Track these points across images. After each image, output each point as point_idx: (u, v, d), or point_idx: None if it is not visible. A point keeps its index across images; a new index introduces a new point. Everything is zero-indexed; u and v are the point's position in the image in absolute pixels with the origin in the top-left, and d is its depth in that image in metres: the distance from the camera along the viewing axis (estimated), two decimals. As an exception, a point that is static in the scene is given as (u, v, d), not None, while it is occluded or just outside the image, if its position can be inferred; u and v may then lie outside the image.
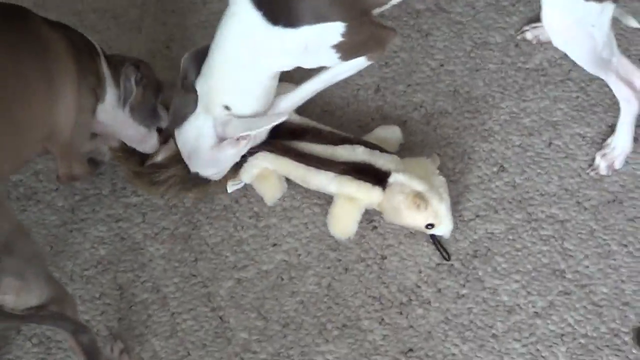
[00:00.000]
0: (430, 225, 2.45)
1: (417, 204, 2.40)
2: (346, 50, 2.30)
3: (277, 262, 2.55)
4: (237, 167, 2.58)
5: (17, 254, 1.92)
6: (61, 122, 2.29)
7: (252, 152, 2.53)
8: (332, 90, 2.74)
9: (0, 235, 1.90)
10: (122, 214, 2.67)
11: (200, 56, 2.39)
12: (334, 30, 2.24)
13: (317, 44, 2.27)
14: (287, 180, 2.62)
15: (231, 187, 2.63)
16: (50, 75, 2.22)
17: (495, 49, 2.87)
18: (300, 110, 2.59)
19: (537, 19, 2.86)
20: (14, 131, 2.12)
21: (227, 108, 2.34)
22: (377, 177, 2.48)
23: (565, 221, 2.56)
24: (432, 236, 2.50)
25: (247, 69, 2.32)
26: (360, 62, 2.38)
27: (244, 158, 2.56)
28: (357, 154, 2.52)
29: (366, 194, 2.47)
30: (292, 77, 2.48)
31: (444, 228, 2.46)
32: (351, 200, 2.49)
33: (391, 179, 2.46)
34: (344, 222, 2.54)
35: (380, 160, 2.51)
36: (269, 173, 2.59)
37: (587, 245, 2.52)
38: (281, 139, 2.59)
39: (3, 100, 2.06)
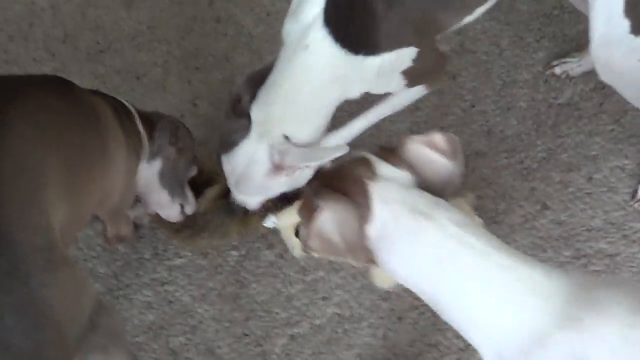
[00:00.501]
0: None
1: None
2: (413, 76, 2.32)
3: (330, 316, 2.53)
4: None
5: (101, 330, 1.89)
6: (113, 185, 2.26)
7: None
8: (363, 138, 2.72)
9: (84, 311, 1.87)
10: (167, 277, 2.64)
11: (255, 81, 2.34)
12: (407, 56, 2.25)
13: (391, 69, 2.27)
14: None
15: (270, 222, 2.59)
16: (103, 141, 2.20)
17: (525, 87, 2.87)
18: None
19: (563, 54, 2.87)
20: (78, 198, 2.10)
21: (286, 137, 2.31)
22: None
23: (615, 255, 2.55)
24: None
25: (317, 99, 2.30)
26: (419, 91, 2.40)
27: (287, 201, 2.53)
28: None
29: None
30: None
31: None
32: None
33: None
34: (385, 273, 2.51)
35: None
36: None
37: (639, 278, 2.50)
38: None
39: (69, 169, 2.03)
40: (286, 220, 2.48)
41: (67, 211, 2.00)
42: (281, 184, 2.39)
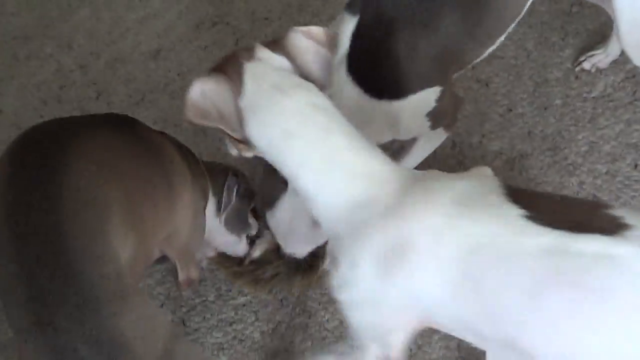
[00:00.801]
0: None
1: None
2: (436, 117, 2.34)
3: (401, 334, 2.53)
4: None
5: (177, 358, 1.91)
6: (180, 222, 2.29)
7: None
8: (410, 155, 2.77)
9: (158, 339, 1.88)
10: (234, 316, 2.66)
11: None
12: (432, 96, 2.27)
13: (415, 112, 2.29)
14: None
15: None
16: (169, 178, 2.23)
17: (557, 85, 2.90)
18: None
19: (589, 48, 2.90)
20: (144, 232, 2.12)
21: None
22: None
23: (672, 237, 2.56)
24: None
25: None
26: (439, 136, 2.43)
27: None
28: None
29: None
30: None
31: None
32: None
33: None
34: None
35: None
36: None
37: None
38: None
39: (133, 203, 2.06)
40: None
41: (133, 244, 2.03)
42: (323, 234, 2.42)
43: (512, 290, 1.59)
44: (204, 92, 1.72)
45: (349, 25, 2.20)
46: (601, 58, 2.88)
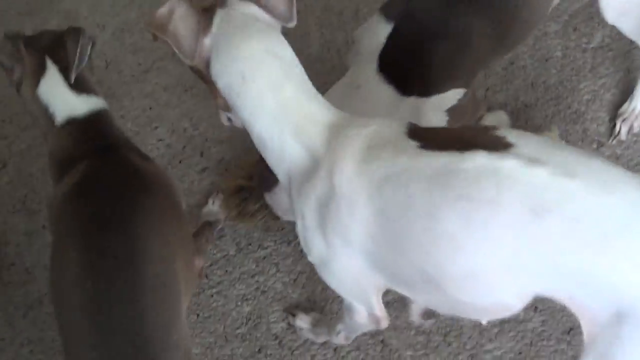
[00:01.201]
0: None
1: None
2: (455, 114, 2.43)
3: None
4: None
5: None
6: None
7: None
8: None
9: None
10: (255, 268, 2.74)
11: None
12: (456, 96, 2.39)
13: (437, 108, 2.40)
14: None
15: None
16: (183, 218, 2.33)
17: (556, 37, 3.00)
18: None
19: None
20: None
21: None
22: None
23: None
24: None
25: None
26: None
27: None
28: None
29: None
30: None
31: None
32: None
33: None
34: None
35: None
36: None
37: None
38: None
39: (185, 264, 2.15)
40: None
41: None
42: None
43: (413, 215, 1.71)
44: (172, 10, 1.83)
45: (382, 30, 2.37)
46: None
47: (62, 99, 2.24)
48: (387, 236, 1.77)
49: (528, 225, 1.60)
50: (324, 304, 2.64)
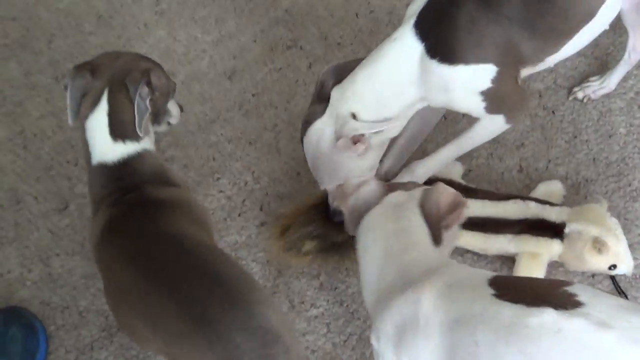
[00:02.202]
0: (613, 267, 2.57)
1: (598, 248, 2.51)
2: (492, 100, 2.43)
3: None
4: None
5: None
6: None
7: None
8: (480, 177, 2.87)
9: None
10: (307, 327, 2.76)
11: (340, 69, 2.52)
12: (486, 74, 2.38)
13: (469, 85, 2.40)
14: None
15: None
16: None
17: (621, 114, 3.00)
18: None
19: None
20: None
21: (352, 115, 2.45)
22: (553, 230, 2.60)
23: None
24: (612, 278, 2.60)
25: (392, 89, 2.45)
26: (498, 124, 2.51)
27: None
28: (529, 208, 2.65)
29: (547, 248, 2.60)
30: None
31: (625, 267, 2.59)
32: (534, 256, 2.59)
33: (567, 229, 2.58)
34: None
35: (553, 213, 2.63)
36: None
37: None
38: None
39: None
40: None
41: None
42: (347, 161, 2.51)
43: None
44: (361, 184, 2.15)
45: None
46: (595, 89, 2.97)
47: (100, 142, 2.33)
48: None
49: None
50: (372, 367, 2.65)
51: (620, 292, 2.63)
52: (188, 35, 3.36)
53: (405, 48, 2.39)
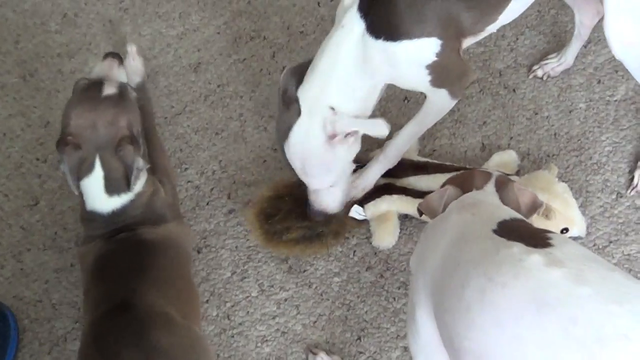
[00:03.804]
0: (565, 230, 2.60)
1: (546, 214, 2.55)
2: (437, 73, 2.46)
3: (437, 324, 2.65)
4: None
5: None
6: None
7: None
8: (443, 156, 2.91)
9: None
10: (276, 310, 2.79)
11: (298, 71, 2.54)
12: (430, 48, 2.41)
13: (413, 60, 2.44)
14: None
15: (355, 213, 2.76)
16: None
17: (581, 89, 3.03)
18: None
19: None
20: None
21: (332, 109, 2.47)
22: None
23: (694, 229, 2.69)
24: None
25: (352, 75, 2.47)
26: (445, 99, 2.56)
27: (370, 198, 2.73)
28: None
29: None
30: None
31: (577, 229, 2.65)
32: None
33: None
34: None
35: None
36: (391, 216, 2.78)
37: None
38: (404, 173, 2.80)
39: None
40: (373, 211, 2.67)
41: None
42: (342, 156, 2.55)
43: (455, 278, 1.89)
44: (442, 195, 2.21)
45: None
46: (554, 66, 3.01)
47: (95, 197, 2.46)
48: (439, 285, 1.94)
49: (529, 315, 1.69)
50: (342, 346, 2.69)
51: None
52: (153, 30, 3.39)
53: (353, 32, 2.42)
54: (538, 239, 1.85)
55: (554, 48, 3.12)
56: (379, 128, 2.48)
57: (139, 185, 2.46)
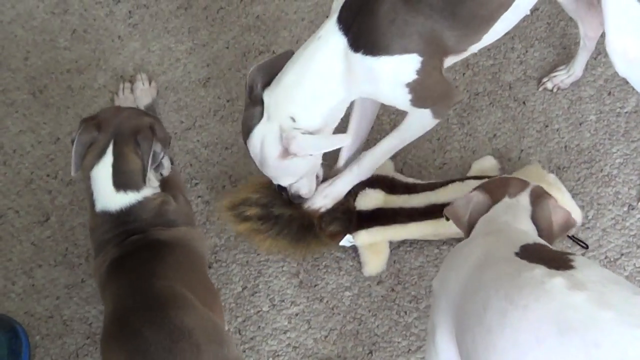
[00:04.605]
0: None
1: None
2: (418, 93, 2.44)
3: (448, 337, 2.65)
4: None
5: None
6: None
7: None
8: (453, 169, 2.91)
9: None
10: (287, 325, 2.79)
11: (266, 70, 2.52)
12: (410, 65, 2.38)
13: (392, 78, 2.41)
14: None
15: (346, 242, 2.76)
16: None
17: (591, 101, 3.03)
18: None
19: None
20: None
21: (292, 119, 2.46)
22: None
23: None
24: None
25: (322, 87, 2.46)
26: (426, 118, 2.54)
27: (367, 224, 2.73)
28: (469, 186, 2.64)
29: None
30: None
31: (575, 216, 2.59)
32: None
33: None
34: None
35: None
36: (384, 248, 2.79)
37: None
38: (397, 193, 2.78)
39: None
40: (363, 239, 2.67)
41: None
42: (301, 166, 2.55)
43: (477, 300, 1.90)
44: (469, 201, 2.25)
45: None
46: (563, 78, 3.01)
47: (103, 192, 2.47)
48: (461, 307, 1.95)
49: (551, 338, 1.69)
50: (366, 356, 2.68)
51: (578, 241, 2.67)
52: (162, 45, 3.39)
53: (330, 44, 2.40)
54: (560, 262, 1.85)
55: (563, 60, 3.11)
56: (338, 144, 2.50)
57: (152, 180, 2.50)
